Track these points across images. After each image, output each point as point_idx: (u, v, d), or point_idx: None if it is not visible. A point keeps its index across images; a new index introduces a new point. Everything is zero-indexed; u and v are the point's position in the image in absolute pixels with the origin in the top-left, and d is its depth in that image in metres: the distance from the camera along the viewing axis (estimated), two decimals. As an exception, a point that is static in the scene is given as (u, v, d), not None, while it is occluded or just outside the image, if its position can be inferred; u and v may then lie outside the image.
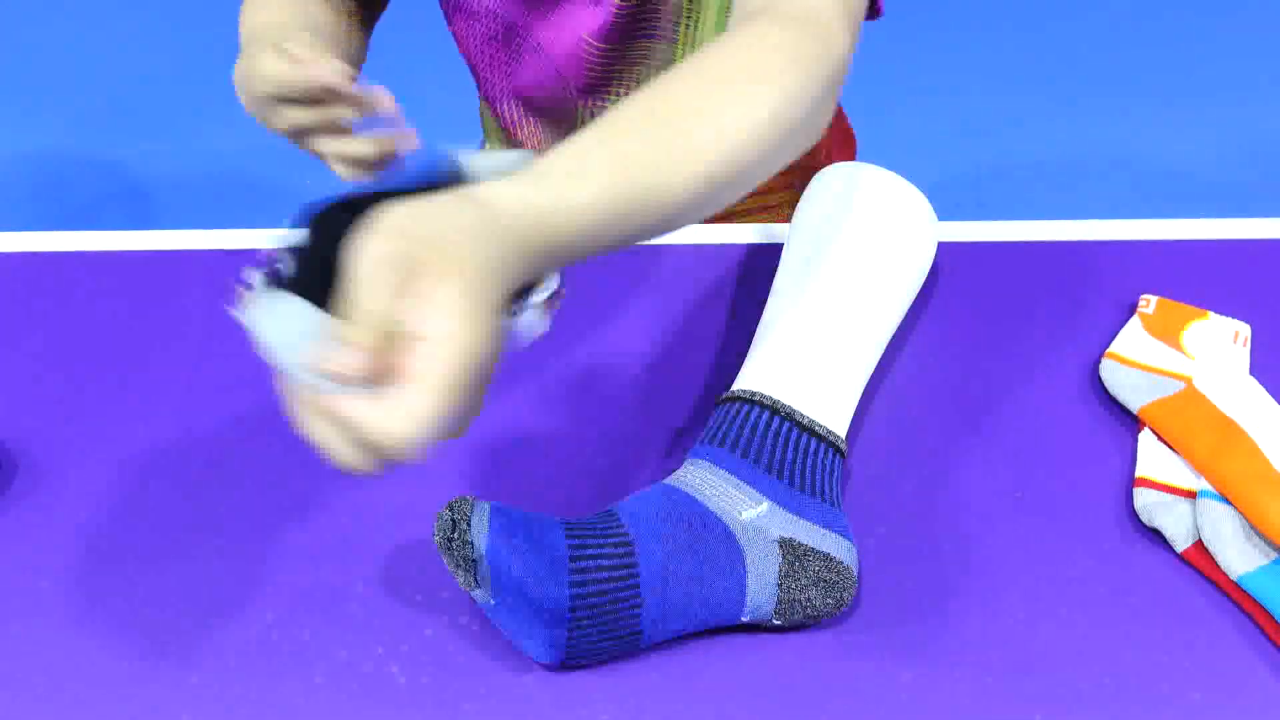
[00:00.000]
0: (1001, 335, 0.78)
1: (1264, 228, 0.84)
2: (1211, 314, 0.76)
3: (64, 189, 2.03)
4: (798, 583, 0.63)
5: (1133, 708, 0.61)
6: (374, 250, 0.43)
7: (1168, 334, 0.76)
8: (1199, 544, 0.67)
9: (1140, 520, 0.69)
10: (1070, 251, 0.83)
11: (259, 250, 0.83)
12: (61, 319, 0.79)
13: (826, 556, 0.63)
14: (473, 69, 0.96)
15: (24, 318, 0.79)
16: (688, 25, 0.86)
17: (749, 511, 0.64)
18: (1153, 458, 0.70)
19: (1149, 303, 0.77)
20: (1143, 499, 0.69)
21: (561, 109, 0.92)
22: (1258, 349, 0.77)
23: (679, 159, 0.53)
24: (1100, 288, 0.81)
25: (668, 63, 0.88)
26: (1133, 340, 0.75)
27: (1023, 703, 0.62)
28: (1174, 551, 0.68)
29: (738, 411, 0.66)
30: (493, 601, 0.61)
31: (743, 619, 0.63)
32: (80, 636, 0.64)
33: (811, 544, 0.63)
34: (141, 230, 0.85)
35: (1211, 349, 0.75)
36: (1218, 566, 0.66)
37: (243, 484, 0.71)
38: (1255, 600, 0.64)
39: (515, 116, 0.96)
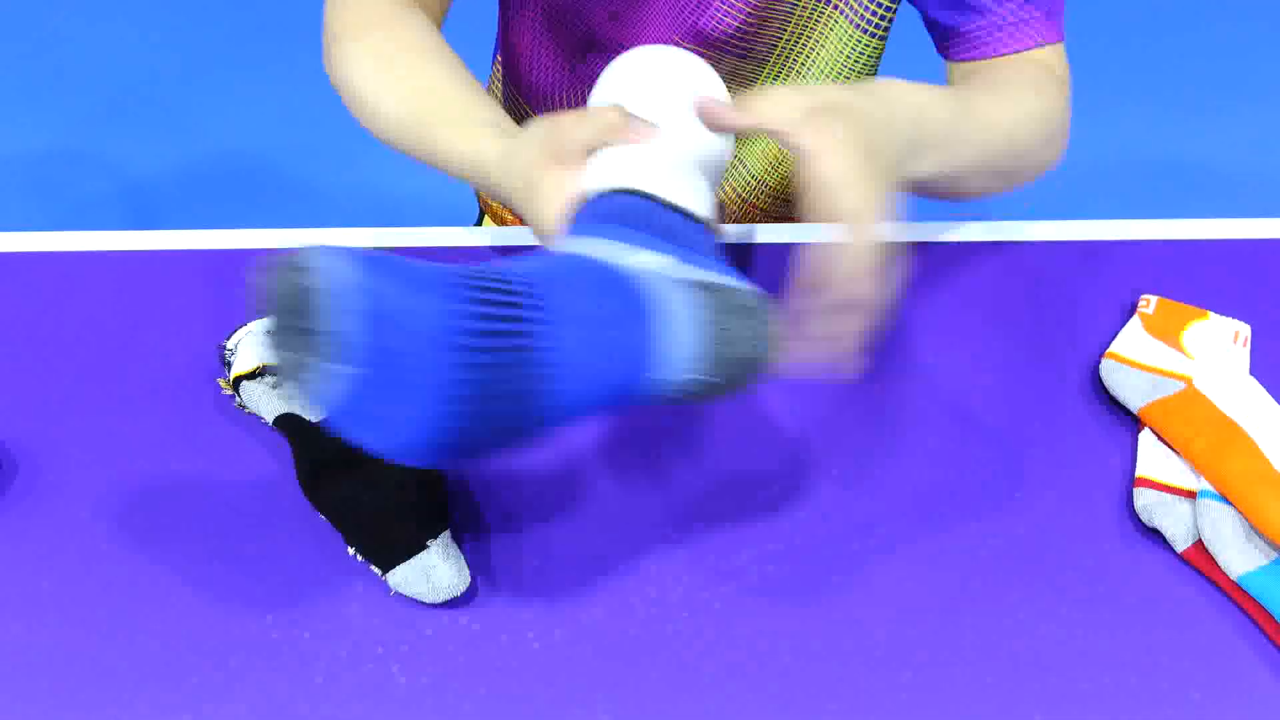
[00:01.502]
0: (1001, 335, 0.78)
1: (1264, 228, 0.84)
2: (1211, 314, 0.76)
3: (64, 189, 2.03)
4: (715, 314, 0.55)
5: (1133, 708, 0.61)
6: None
7: (1168, 334, 0.76)
8: (1199, 544, 0.67)
9: (1140, 520, 0.69)
10: (1070, 251, 0.83)
11: (260, 250, 0.83)
12: (61, 319, 0.79)
13: (738, 289, 0.57)
14: (522, 64, 0.95)
15: (24, 318, 0.79)
16: (788, 52, 0.86)
17: (651, 263, 0.57)
18: (1153, 458, 0.70)
19: (1149, 303, 0.77)
20: (1143, 499, 0.69)
21: None
22: (1258, 349, 0.77)
23: (978, 131, 0.70)
24: (1100, 288, 0.81)
25: (751, 81, 0.88)
26: (1133, 340, 0.75)
27: (1023, 703, 0.62)
28: (1174, 551, 0.68)
29: (603, 199, 0.60)
30: (351, 368, 0.47)
31: (660, 375, 0.55)
32: (80, 636, 0.64)
33: (722, 283, 0.57)
34: (141, 230, 0.85)
35: (1211, 349, 0.75)
36: (1218, 566, 0.66)
37: (243, 484, 0.71)
38: (1255, 600, 0.64)
39: None
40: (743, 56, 0.87)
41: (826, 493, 0.70)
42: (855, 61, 0.86)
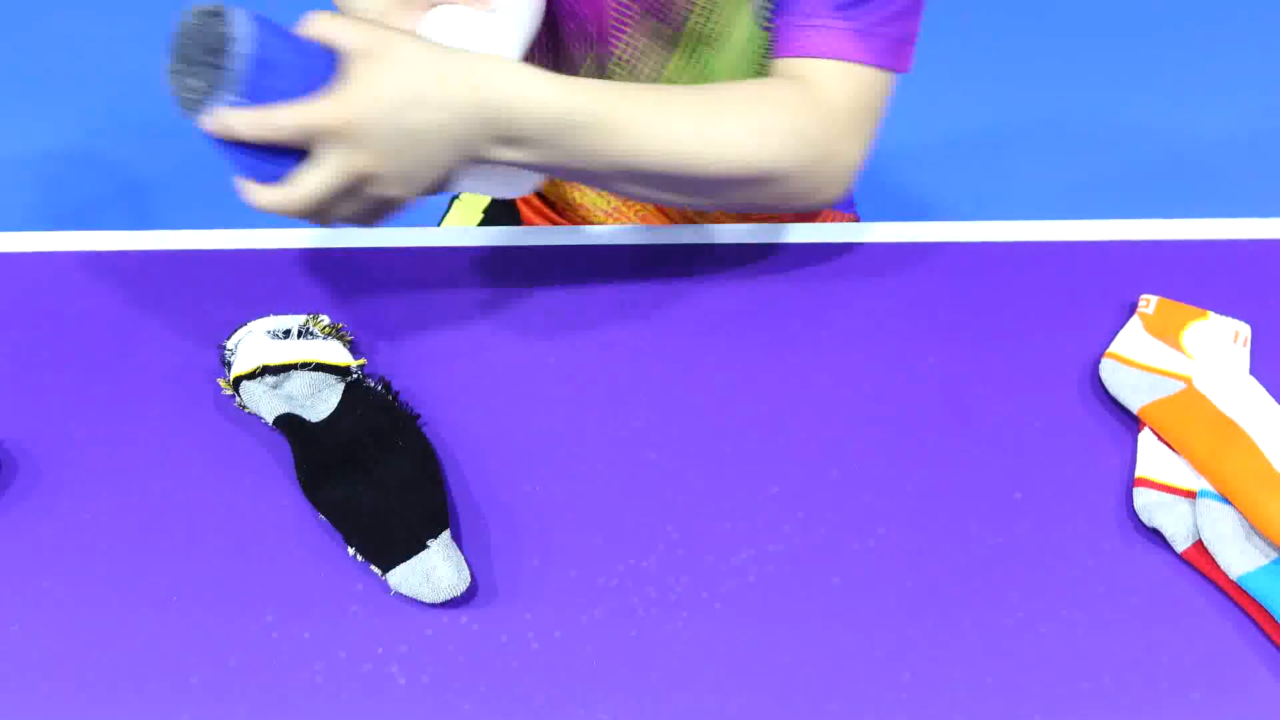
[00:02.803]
0: (1001, 335, 0.78)
1: (1264, 228, 0.84)
2: (1211, 314, 0.77)
3: (64, 189, 2.03)
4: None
5: (1133, 708, 0.61)
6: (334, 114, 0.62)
7: (1168, 334, 0.76)
8: (1199, 544, 0.67)
9: (1140, 520, 0.69)
10: (1070, 251, 0.83)
11: (260, 250, 0.83)
12: (61, 319, 0.79)
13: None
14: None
15: (24, 318, 0.79)
16: (701, 25, 0.85)
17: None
18: (1153, 458, 0.70)
19: (1149, 303, 0.77)
20: (1143, 499, 0.69)
21: (569, 54, 0.91)
22: (1258, 349, 0.77)
23: (655, 134, 0.67)
24: (1100, 288, 0.81)
25: (670, 47, 0.87)
26: (1133, 340, 0.76)
27: (1023, 703, 0.62)
28: (1174, 551, 0.68)
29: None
30: (239, 98, 0.60)
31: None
32: (80, 636, 0.64)
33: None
34: (141, 230, 0.85)
35: (1211, 349, 0.75)
36: (1218, 566, 0.66)
37: (242, 483, 0.71)
38: (1255, 600, 0.64)
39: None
40: (661, 19, 0.85)
41: (826, 493, 0.70)
42: (752, 50, 0.85)
